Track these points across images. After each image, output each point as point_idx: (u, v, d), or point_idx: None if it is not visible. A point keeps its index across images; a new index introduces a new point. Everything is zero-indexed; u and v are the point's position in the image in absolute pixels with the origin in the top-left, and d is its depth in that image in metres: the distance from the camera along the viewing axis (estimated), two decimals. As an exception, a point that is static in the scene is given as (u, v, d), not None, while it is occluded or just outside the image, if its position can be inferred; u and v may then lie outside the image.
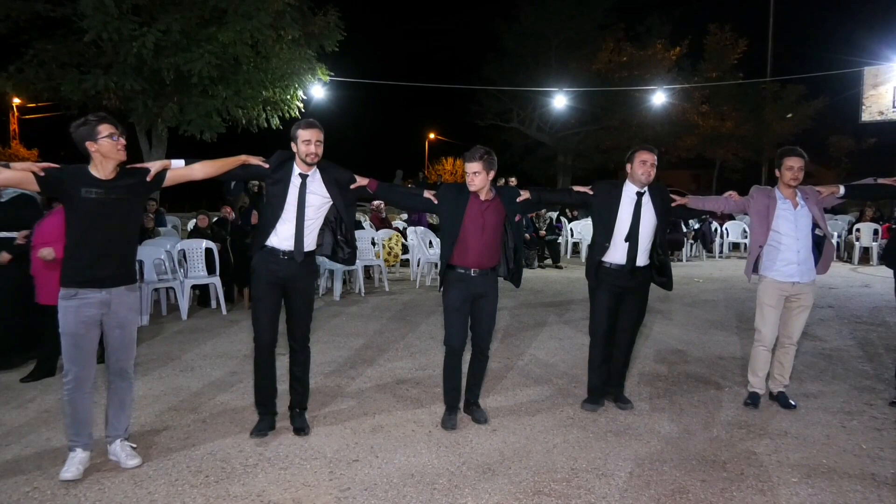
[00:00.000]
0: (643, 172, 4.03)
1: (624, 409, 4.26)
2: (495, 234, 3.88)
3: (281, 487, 3.20)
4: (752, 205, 4.26)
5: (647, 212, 4.07)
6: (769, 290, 4.24)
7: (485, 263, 3.87)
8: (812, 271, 4.22)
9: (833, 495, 3.14)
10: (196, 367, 5.27)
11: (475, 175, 3.78)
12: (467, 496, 3.12)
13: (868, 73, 18.20)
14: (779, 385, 4.41)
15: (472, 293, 3.88)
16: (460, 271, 3.86)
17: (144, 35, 9.10)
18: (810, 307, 4.28)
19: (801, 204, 4.17)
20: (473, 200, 3.83)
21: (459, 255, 3.84)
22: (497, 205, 3.88)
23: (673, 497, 3.12)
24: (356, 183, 3.82)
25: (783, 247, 4.16)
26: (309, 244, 3.74)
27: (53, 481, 3.25)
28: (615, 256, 4.09)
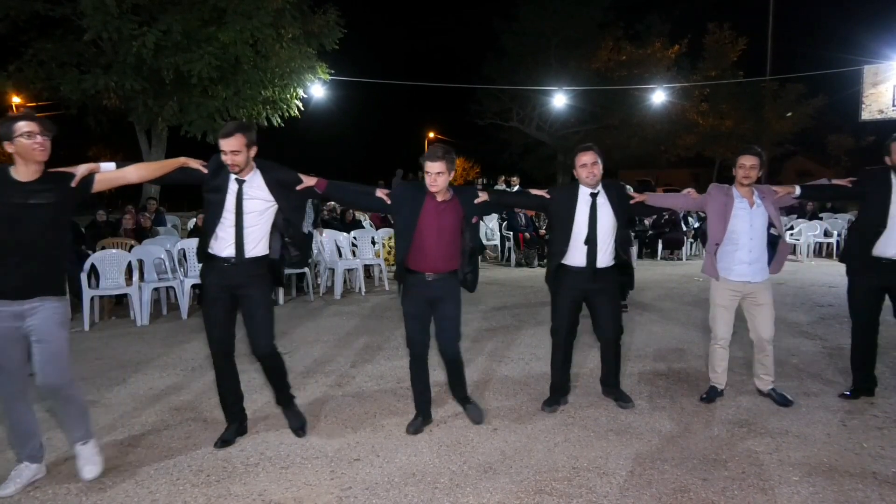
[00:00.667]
0: (586, 175, 3.96)
1: (626, 407, 4.24)
2: (453, 237, 3.74)
3: (282, 487, 3.20)
4: (709, 203, 4.21)
5: (604, 213, 4.00)
6: (720, 289, 4.25)
7: (441, 267, 3.74)
8: (765, 270, 4.19)
9: (834, 494, 3.14)
10: (197, 366, 5.26)
11: (438, 176, 3.62)
12: (469, 495, 3.12)
13: (868, 72, 18.20)
14: (767, 384, 4.39)
15: (429, 298, 3.77)
16: (416, 276, 3.74)
17: (144, 35, 9.10)
18: (771, 303, 4.23)
19: (757, 203, 4.13)
20: (430, 202, 3.68)
21: (415, 258, 3.71)
22: (455, 206, 3.74)
23: (674, 496, 3.12)
24: (302, 184, 3.63)
25: (736, 246, 4.13)
26: (254, 249, 3.57)
27: (55, 481, 3.25)
28: (575, 259, 4.03)
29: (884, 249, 4.14)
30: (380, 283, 9.54)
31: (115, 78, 9.62)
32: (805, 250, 13.30)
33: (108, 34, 9.10)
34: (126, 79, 9.62)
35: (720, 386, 4.44)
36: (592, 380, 4.95)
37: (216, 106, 10.47)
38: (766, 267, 4.20)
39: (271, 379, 3.90)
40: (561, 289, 4.12)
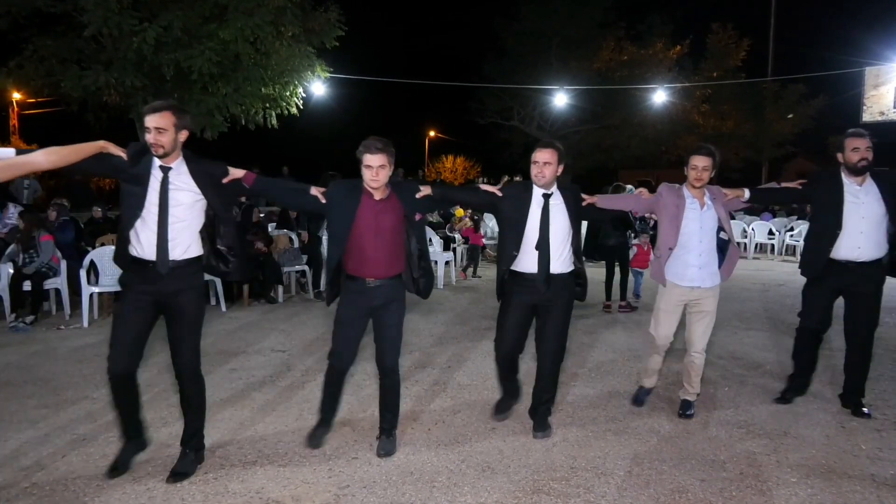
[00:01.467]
0: (535, 173, 3.66)
1: (541, 437, 3.78)
2: (394, 239, 3.41)
3: (280, 485, 3.19)
4: (661, 204, 4.00)
5: (557, 215, 3.67)
6: (667, 294, 4.04)
7: (383, 272, 3.40)
8: (715, 276, 3.99)
9: (832, 496, 3.14)
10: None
11: (381, 170, 3.25)
12: (466, 494, 3.12)
13: (869, 74, 18.21)
14: (686, 394, 4.21)
15: (369, 306, 3.43)
16: (357, 282, 3.39)
17: (145, 31, 9.07)
18: (713, 312, 4.03)
19: (707, 205, 3.95)
20: (366, 201, 3.33)
21: (354, 263, 3.38)
22: (394, 204, 3.40)
23: (672, 496, 3.12)
24: (229, 176, 3.25)
25: (685, 250, 3.93)
26: (181, 251, 3.13)
27: (52, 477, 3.25)
28: (527, 265, 3.67)
29: (841, 252, 4.02)
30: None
31: (116, 74, 9.60)
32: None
33: (109, 30, 9.07)
34: (126, 75, 9.60)
35: (650, 386, 4.34)
36: (590, 379, 4.95)
37: (215, 102, 10.44)
38: (717, 272, 4.00)
39: (188, 407, 3.34)
40: (510, 297, 3.75)
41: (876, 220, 3.98)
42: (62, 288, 7.09)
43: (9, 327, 6.46)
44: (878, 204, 3.98)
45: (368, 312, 3.47)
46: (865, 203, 3.98)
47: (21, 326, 6.45)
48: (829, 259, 4.05)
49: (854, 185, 4.02)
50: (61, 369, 5.09)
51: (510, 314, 3.75)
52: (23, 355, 5.51)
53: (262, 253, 8.03)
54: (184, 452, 3.32)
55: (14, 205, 7.63)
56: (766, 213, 15.76)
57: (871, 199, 3.98)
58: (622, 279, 7.70)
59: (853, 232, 3.97)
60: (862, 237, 3.96)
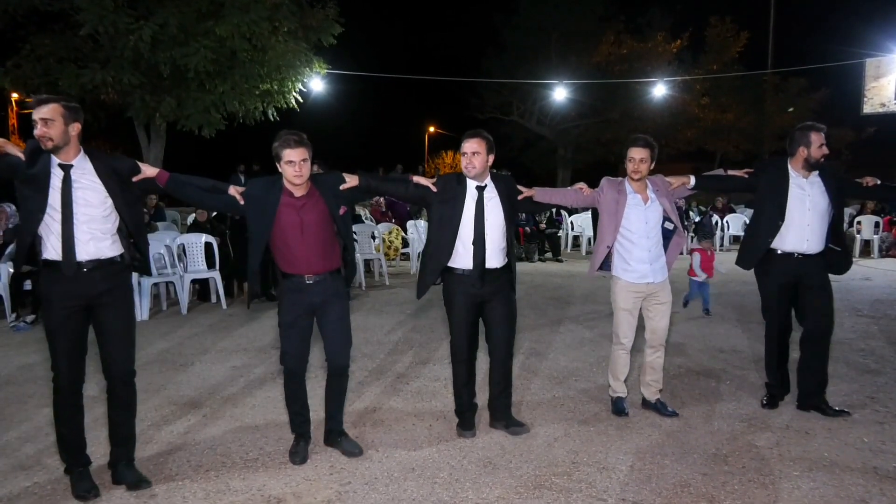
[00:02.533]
0: (465, 165, 3.54)
1: (519, 433, 3.74)
2: (322, 234, 3.30)
3: (281, 482, 3.19)
4: (601, 199, 3.90)
5: (492, 209, 3.58)
6: (623, 292, 3.93)
7: (318, 268, 3.30)
8: (665, 269, 3.93)
9: (835, 489, 3.13)
10: (196, 361, 5.26)
11: (303, 164, 3.17)
12: (468, 490, 3.11)
13: (869, 65, 18.13)
14: (654, 393, 4.10)
15: (309, 303, 3.33)
16: (293, 279, 3.30)
17: (141, 29, 9.05)
18: (670, 303, 3.98)
19: (651, 198, 3.86)
20: (286, 199, 3.23)
21: (286, 261, 3.29)
22: (316, 199, 3.29)
23: (674, 490, 3.11)
24: (141, 174, 3.13)
25: (634, 246, 3.84)
26: (98, 250, 2.97)
27: (53, 476, 3.24)
28: (464, 261, 3.57)
29: (788, 244, 3.96)
30: (380, 279, 9.54)
31: (113, 73, 9.58)
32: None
33: (105, 28, 9.05)
34: (123, 73, 9.58)
35: (623, 395, 4.11)
36: (591, 375, 4.95)
37: (212, 100, 10.42)
38: (666, 265, 3.94)
39: (119, 418, 3.17)
40: (453, 298, 3.64)
41: (821, 213, 3.94)
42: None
43: (9, 326, 6.46)
44: (823, 197, 3.95)
45: (310, 310, 3.36)
46: (811, 195, 3.95)
47: (22, 326, 6.45)
48: (774, 251, 3.99)
49: (800, 178, 3.99)
50: (62, 368, 5.07)
51: (456, 312, 3.66)
52: (23, 354, 5.51)
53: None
54: (127, 468, 3.17)
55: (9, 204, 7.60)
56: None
57: (817, 191, 3.96)
58: None
59: (800, 224, 3.92)
60: (809, 229, 3.93)
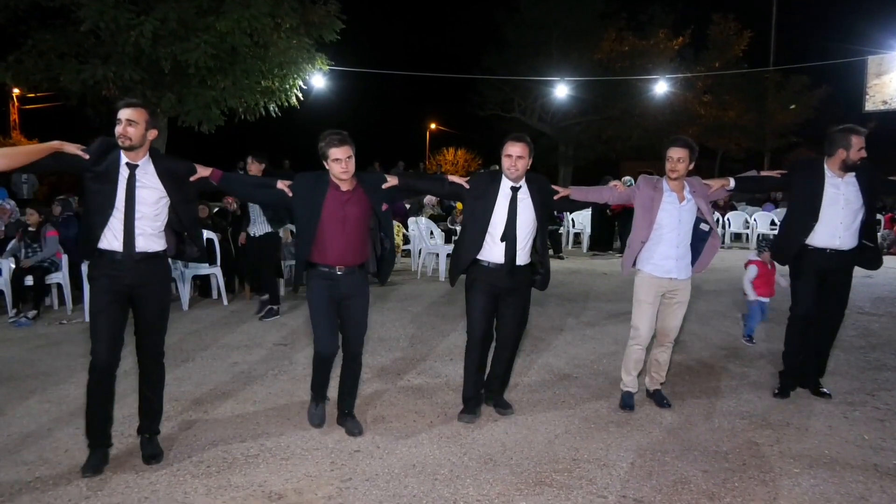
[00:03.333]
0: (509, 167, 3.70)
1: (505, 414, 3.98)
2: (359, 229, 3.54)
3: (282, 478, 3.20)
4: (637, 196, 4.00)
5: (524, 208, 3.74)
6: (645, 285, 4.01)
7: (350, 260, 3.53)
8: (689, 267, 4.02)
9: (835, 486, 3.14)
10: (197, 357, 5.26)
11: (349, 161, 3.40)
12: (469, 486, 3.12)
13: (872, 62, 18.10)
14: (655, 383, 4.24)
15: (338, 294, 3.55)
16: (323, 269, 3.52)
17: (142, 24, 9.03)
18: (686, 303, 4.08)
19: (687, 198, 3.94)
20: (332, 193, 3.46)
21: (320, 252, 3.49)
22: (360, 195, 3.52)
23: (675, 487, 3.11)
24: (197, 174, 3.33)
25: (663, 241, 3.93)
26: (147, 244, 3.21)
27: (55, 471, 3.25)
28: (492, 255, 3.76)
29: (821, 240, 4.09)
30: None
31: (114, 68, 9.57)
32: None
33: (106, 24, 9.03)
34: (124, 69, 9.56)
35: (634, 390, 4.18)
36: (593, 371, 4.95)
37: (213, 96, 10.40)
38: (690, 264, 4.03)
39: (150, 393, 3.41)
40: (475, 288, 3.82)
41: (854, 212, 4.07)
42: (64, 283, 7.09)
43: (10, 322, 6.47)
44: (857, 196, 4.06)
45: (336, 300, 3.56)
46: (845, 194, 4.06)
47: (23, 321, 6.46)
48: (809, 246, 4.13)
49: (836, 178, 4.08)
50: (63, 364, 5.09)
51: (477, 301, 3.82)
52: (25, 350, 5.52)
53: (263, 246, 8.01)
54: (151, 443, 3.41)
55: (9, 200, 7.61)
56: (769, 204, 15.72)
57: (851, 190, 4.06)
58: None
59: (833, 222, 4.05)
60: (841, 227, 4.05)
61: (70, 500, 2.98)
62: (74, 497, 3.00)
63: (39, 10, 9.78)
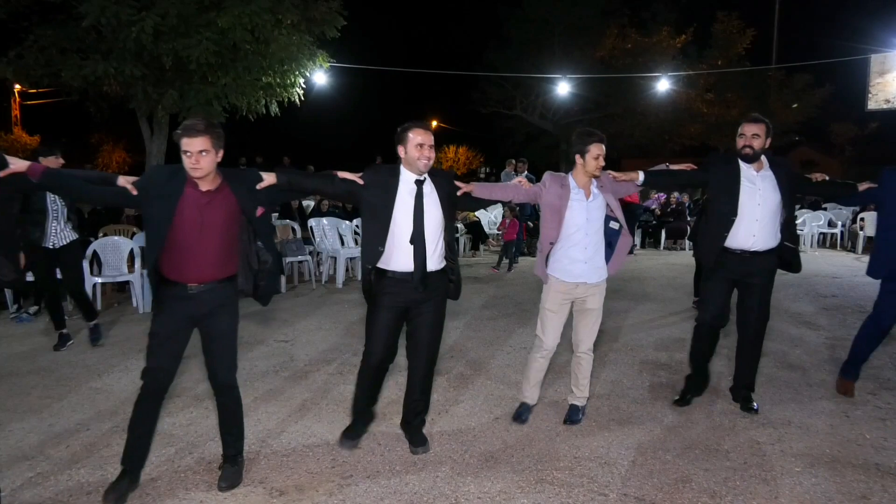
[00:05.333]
0: (419, 157, 3.21)
1: (417, 452, 3.45)
2: (223, 236, 2.92)
3: (283, 475, 3.20)
4: (544, 195, 3.65)
5: (431, 204, 3.27)
6: (552, 291, 3.72)
7: (208, 275, 2.91)
8: (602, 270, 3.70)
9: (836, 485, 3.13)
10: (198, 354, 5.23)
11: (202, 156, 2.75)
12: (470, 484, 3.12)
13: (874, 61, 18.03)
14: (575, 398, 3.92)
15: (190, 314, 2.95)
16: (174, 287, 2.90)
17: (143, 20, 9.01)
18: (600, 309, 3.78)
19: (594, 194, 3.64)
20: (189, 192, 2.84)
21: (172, 265, 2.88)
22: (225, 196, 2.91)
23: (675, 486, 3.11)
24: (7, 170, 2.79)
25: (571, 243, 3.62)
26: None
27: (56, 466, 3.25)
28: (399, 263, 3.25)
29: (736, 240, 3.83)
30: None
31: (115, 64, 9.54)
32: (809, 241, 13.25)
33: (107, 19, 9.01)
34: (126, 65, 9.54)
35: (531, 402, 3.93)
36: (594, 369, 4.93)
37: (214, 92, 10.38)
38: (604, 266, 3.72)
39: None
40: (378, 299, 3.31)
41: (771, 209, 3.80)
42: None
43: (11, 318, 6.47)
44: (774, 192, 3.80)
45: (191, 322, 2.99)
46: (762, 190, 3.80)
47: (24, 317, 6.46)
48: (724, 248, 3.86)
49: (751, 171, 3.84)
50: (65, 360, 5.09)
51: (379, 318, 3.31)
52: (26, 346, 5.52)
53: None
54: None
55: None
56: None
57: (768, 185, 3.81)
58: None
59: (749, 219, 3.78)
60: (757, 225, 3.78)
61: (72, 495, 2.99)
62: (76, 492, 3.01)
63: (41, 6, 9.76)
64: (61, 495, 2.99)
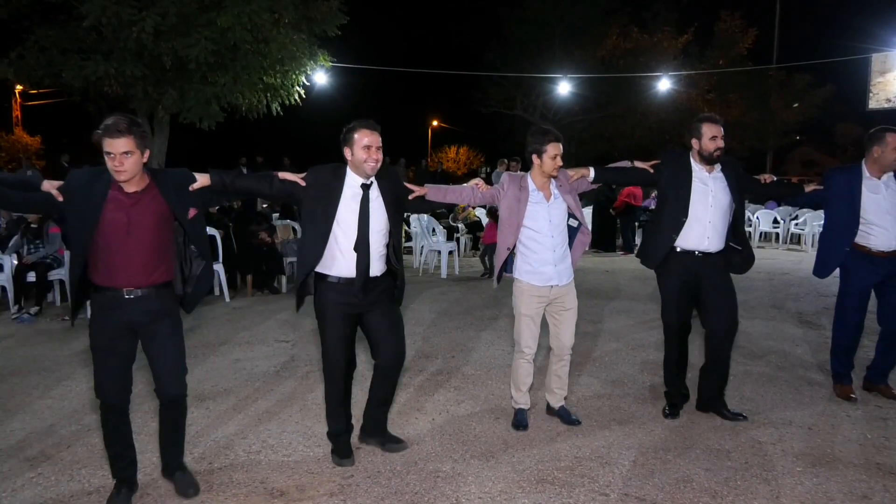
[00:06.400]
0: (366, 159, 3.09)
1: (396, 450, 3.46)
2: (152, 239, 2.79)
3: (284, 475, 3.20)
4: (502, 197, 3.60)
5: (376, 210, 3.17)
6: (524, 296, 3.65)
7: (142, 280, 2.77)
8: (570, 270, 3.69)
9: (838, 484, 3.13)
10: (199, 354, 5.26)
11: (125, 157, 2.63)
12: (471, 484, 3.12)
13: (875, 60, 18.03)
14: (559, 399, 3.89)
15: (129, 322, 2.80)
16: (108, 294, 2.76)
17: (143, 20, 9.02)
18: (576, 309, 3.76)
19: (554, 195, 3.61)
20: (115, 194, 2.72)
21: (102, 270, 2.75)
22: (153, 197, 2.79)
23: (677, 486, 3.11)
24: None
25: (538, 245, 3.57)
26: None
27: (57, 467, 3.25)
28: (340, 268, 3.16)
29: (689, 241, 3.75)
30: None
31: (116, 64, 9.56)
32: (810, 240, 13.23)
33: (107, 19, 9.03)
34: (126, 65, 9.56)
35: (526, 407, 3.86)
36: (594, 369, 4.94)
37: (214, 92, 10.39)
38: (571, 267, 3.71)
39: None
40: (327, 310, 3.20)
41: (723, 210, 3.75)
42: (66, 279, 7.09)
43: (12, 318, 6.48)
44: (725, 193, 3.75)
45: (130, 331, 2.84)
46: (713, 191, 3.74)
47: (25, 318, 6.47)
48: (676, 248, 3.77)
49: (703, 172, 3.77)
50: (65, 360, 5.10)
51: (331, 326, 3.22)
52: (27, 346, 5.53)
53: (265, 243, 8.04)
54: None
55: None
56: (771, 202, 15.69)
57: (720, 187, 3.75)
58: None
59: (702, 220, 3.72)
60: (710, 226, 3.73)
61: (73, 495, 2.99)
62: (76, 493, 3.01)
63: (42, 6, 9.77)
64: (62, 495, 2.99)
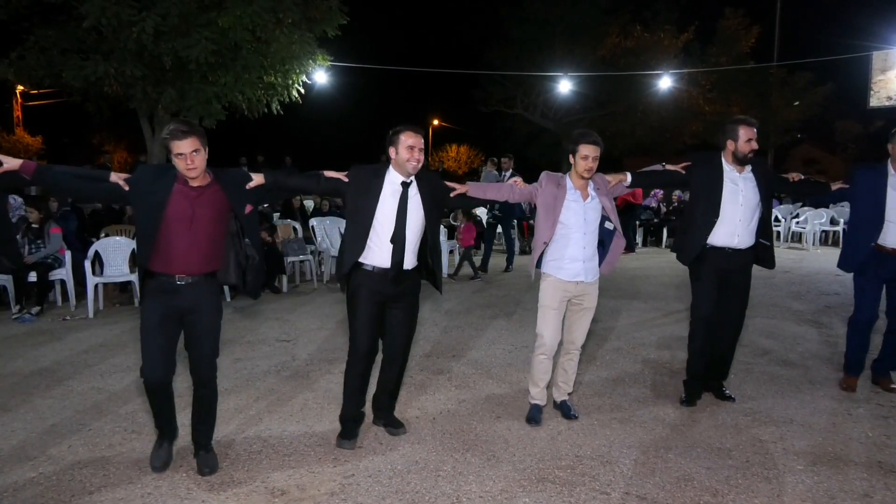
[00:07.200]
0: (409, 158, 3.32)
1: (396, 434, 3.65)
2: (210, 231, 3.03)
3: (285, 474, 3.20)
4: (539, 195, 3.73)
5: (414, 207, 3.39)
6: (550, 289, 3.75)
7: (195, 269, 3.02)
8: (597, 270, 3.80)
9: (839, 483, 3.13)
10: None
11: (194, 155, 2.90)
12: (472, 483, 3.12)
13: (876, 58, 17.98)
14: (562, 393, 3.98)
15: (177, 308, 3.04)
16: (161, 279, 3.00)
17: (143, 20, 9.02)
18: (594, 308, 3.84)
19: (591, 195, 3.73)
20: (180, 188, 2.96)
21: (160, 258, 2.98)
22: (215, 193, 3.04)
23: (678, 484, 3.11)
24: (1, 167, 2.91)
25: (570, 242, 3.68)
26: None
27: (58, 467, 3.26)
28: (376, 258, 3.38)
29: (719, 238, 3.93)
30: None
31: (116, 64, 9.55)
32: (811, 239, 13.23)
33: (107, 20, 9.02)
34: (126, 65, 9.55)
35: (542, 403, 3.91)
36: (595, 368, 4.94)
37: (214, 91, 10.38)
38: (597, 267, 3.81)
39: None
40: (359, 294, 3.41)
41: (752, 209, 3.94)
42: (67, 279, 7.10)
43: (13, 318, 6.49)
44: (755, 193, 3.94)
45: (178, 314, 3.06)
46: (743, 191, 3.92)
47: (27, 317, 6.47)
48: (708, 245, 3.96)
49: (734, 172, 3.95)
50: (67, 360, 5.10)
51: (361, 310, 3.41)
52: (28, 346, 5.53)
53: (266, 243, 8.04)
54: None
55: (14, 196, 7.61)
56: (773, 200, 15.68)
57: (749, 186, 3.94)
58: None
59: (732, 219, 3.91)
60: (740, 225, 3.92)
61: (73, 495, 2.99)
62: (77, 492, 3.01)
63: (42, 7, 9.77)
64: (63, 495, 2.99)
